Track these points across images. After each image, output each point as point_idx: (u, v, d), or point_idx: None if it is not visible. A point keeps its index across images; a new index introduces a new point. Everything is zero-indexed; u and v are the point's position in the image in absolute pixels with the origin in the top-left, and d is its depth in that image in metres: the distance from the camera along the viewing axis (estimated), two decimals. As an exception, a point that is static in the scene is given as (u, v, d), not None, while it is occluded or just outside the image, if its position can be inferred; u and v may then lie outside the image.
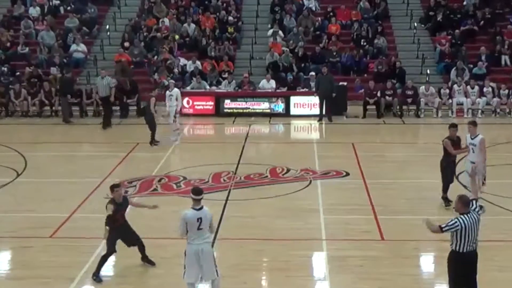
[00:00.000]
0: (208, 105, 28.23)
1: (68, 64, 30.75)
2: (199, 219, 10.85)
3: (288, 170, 19.61)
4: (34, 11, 34.90)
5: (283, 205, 16.67)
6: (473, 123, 16.29)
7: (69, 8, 35.17)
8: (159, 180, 18.81)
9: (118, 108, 27.73)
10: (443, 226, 10.25)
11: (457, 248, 10.31)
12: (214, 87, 29.26)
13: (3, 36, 32.91)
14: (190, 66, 30.67)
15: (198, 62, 30.72)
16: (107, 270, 13.11)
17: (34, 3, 35.28)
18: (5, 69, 30.95)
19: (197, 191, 11.03)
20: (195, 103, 28.24)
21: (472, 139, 15.87)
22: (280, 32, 32.75)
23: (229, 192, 17.77)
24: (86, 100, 28.10)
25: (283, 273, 12.64)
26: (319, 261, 13.36)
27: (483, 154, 15.82)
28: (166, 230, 14.67)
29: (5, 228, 15.25)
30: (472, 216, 10.28)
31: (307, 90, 28.50)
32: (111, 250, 12.61)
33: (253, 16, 34.93)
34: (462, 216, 10.27)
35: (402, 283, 12.21)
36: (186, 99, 28.07)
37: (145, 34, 32.87)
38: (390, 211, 16.05)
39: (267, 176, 19.16)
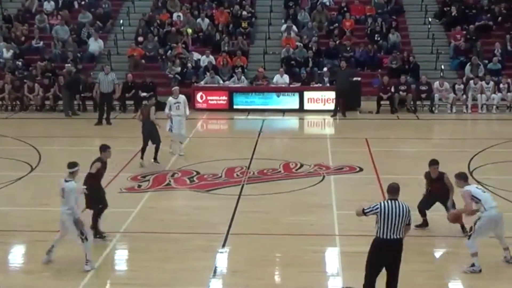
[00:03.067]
0: (221, 100, 28.22)
1: (74, 60, 30.67)
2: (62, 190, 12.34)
3: (301, 165, 19.58)
4: (48, 6, 35.00)
5: (296, 200, 16.64)
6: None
7: (83, 2, 35.24)
8: (172, 175, 18.82)
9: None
10: (365, 208, 10.61)
11: (380, 234, 10.45)
12: (227, 82, 29.24)
13: (17, 30, 33.02)
14: (203, 61, 30.68)
15: (211, 57, 30.71)
16: (120, 264, 13.16)
17: (49, -2, 35.37)
18: (20, 63, 31.05)
19: (70, 165, 12.56)
20: (208, 97, 28.25)
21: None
22: (294, 27, 32.69)
23: (242, 187, 17.76)
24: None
25: (296, 269, 12.62)
26: (332, 257, 13.34)
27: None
28: (178, 224, 14.68)
29: (19, 222, 15.30)
30: (397, 204, 10.42)
31: (321, 85, 28.44)
32: (106, 203, 13.58)
33: (267, 11, 34.89)
34: (385, 201, 10.52)
35: (415, 279, 12.16)
36: (199, 93, 28.11)
37: (158, 28, 32.89)
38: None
39: (280, 171, 19.14)
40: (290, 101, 27.96)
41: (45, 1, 35.26)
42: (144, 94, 27.58)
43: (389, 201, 10.52)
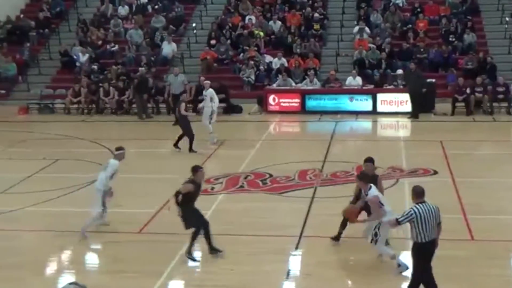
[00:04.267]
0: (294, 102, 28.16)
1: (148, 63, 31.05)
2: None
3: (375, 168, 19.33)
4: (123, 10, 35.57)
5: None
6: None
7: (156, 6, 35.69)
8: (245, 177, 18.85)
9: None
10: (399, 217, 10.61)
11: (419, 239, 10.50)
12: (299, 84, 29.18)
13: (93, 34, 33.66)
14: (276, 63, 30.70)
15: (283, 59, 30.71)
16: (193, 265, 13.23)
17: (123, 2, 35.97)
18: (95, 67, 31.64)
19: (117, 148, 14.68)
20: (281, 100, 28.22)
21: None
22: (367, 29, 32.45)
23: (315, 189, 17.67)
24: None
25: (369, 272, 12.49)
26: (406, 260, 13.13)
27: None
28: (251, 226, 14.69)
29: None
30: (428, 206, 10.51)
31: (394, 87, 28.13)
32: (203, 222, 13.03)
33: (339, 13, 34.72)
34: (417, 206, 10.51)
35: (492, 284, 11.89)
36: (272, 96, 28.12)
37: (231, 31, 33.05)
38: (480, 210, 15.67)
39: (353, 174, 18.94)
40: (363, 103, 27.73)
41: (120, 5, 35.85)
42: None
43: (421, 205, 10.56)
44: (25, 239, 15.23)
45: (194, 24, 34.61)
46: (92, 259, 14.22)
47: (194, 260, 13.12)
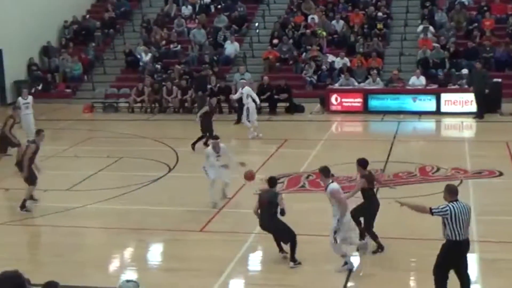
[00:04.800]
0: (356, 102, 27.97)
1: (210, 63, 31.19)
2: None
3: (438, 169, 19.11)
4: (186, 10, 35.85)
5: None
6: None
7: (219, 6, 35.86)
8: (307, 177, 18.80)
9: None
10: (433, 208, 10.46)
11: (453, 237, 10.43)
12: (362, 84, 28.97)
13: (157, 34, 34.01)
14: (338, 62, 30.55)
15: (346, 59, 30.54)
16: (254, 265, 13.26)
17: (187, 2, 36.23)
18: (159, 66, 31.97)
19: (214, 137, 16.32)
20: (343, 100, 28.05)
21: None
22: (431, 28, 32.02)
23: (377, 190, 17.48)
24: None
25: (429, 274, 12.30)
26: (470, 263, 12.90)
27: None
28: (312, 226, 14.64)
29: (158, 221, 15.69)
30: (461, 205, 10.48)
31: (458, 87, 27.70)
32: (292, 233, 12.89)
33: (403, 12, 34.36)
34: (451, 203, 10.45)
35: None
36: (334, 96, 27.99)
37: (293, 31, 33.01)
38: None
39: (416, 175, 18.76)
40: (427, 104, 27.37)
41: (183, 5, 36.13)
42: (277, 96, 27.83)
43: (455, 203, 10.50)
44: (89, 235, 15.48)
45: (257, 24, 34.70)
46: (153, 257, 14.36)
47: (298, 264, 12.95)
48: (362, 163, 13.64)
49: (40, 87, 32.18)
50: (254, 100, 24.12)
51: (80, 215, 16.38)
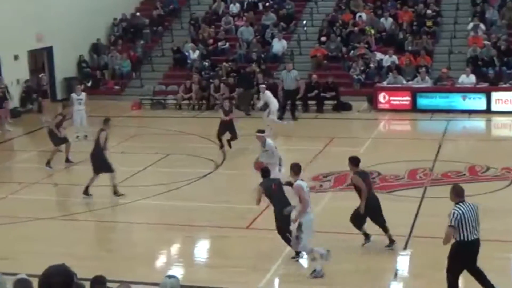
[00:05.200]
0: (404, 100, 27.69)
1: (258, 60, 31.18)
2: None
3: (488, 169, 18.84)
4: (234, 8, 35.89)
5: (481, 205, 15.97)
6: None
7: (267, 4, 35.83)
8: (354, 175, 18.65)
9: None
10: (449, 223, 10.38)
11: (462, 237, 10.41)
12: (410, 82, 28.68)
13: (204, 32, 34.12)
14: (386, 60, 30.31)
15: (394, 57, 30.28)
16: (300, 263, 13.21)
17: (234, 0, 36.27)
18: (206, 63, 32.08)
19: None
20: (391, 98, 27.81)
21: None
22: (482, 25, 31.55)
23: (425, 189, 17.34)
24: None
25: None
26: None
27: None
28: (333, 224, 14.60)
29: (204, 217, 15.77)
30: (468, 205, 10.51)
31: (510, 85, 27.24)
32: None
33: (453, 9, 33.91)
34: (458, 205, 10.45)
35: None
36: (382, 94, 27.78)
37: (341, 28, 32.84)
38: None
39: (465, 174, 18.52)
40: (476, 102, 26.97)
41: (231, 3, 36.19)
42: (324, 94, 27.73)
43: (461, 204, 10.53)
44: (136, 231, 15.62)
45: (304, 21, 34.60)
46: (199, 253, 14.43)
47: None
48: (353, 161, 13.74)
49: (89, 84, 32.54)
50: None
51: (128, 211, 16.53)
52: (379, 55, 30.93)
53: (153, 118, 28.21)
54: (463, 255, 10.67)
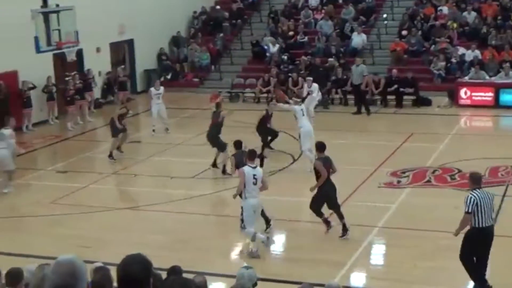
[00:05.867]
0: (487, 96, 27.06)
1: (337, 54, 30.95)
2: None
3: None
4: (313, 1, 35.72)
5: None
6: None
7: (347, -3, 35.55)
8: (433, 172, 18.36)
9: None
10: (464, 209, 10.67)
11: (476, 224, 10.68)
12: (493, 78, 28.00)
13: (284, 25, 34.07)
14: (469, 55, 29.68)
15: (477, 51, 29.63)
16: (376, 258, 13.08)
17: (314, -7, 36.10)
18: (285, 57, 32.03)
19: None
20: (472, 94, 27.21)
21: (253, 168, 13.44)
22: None
23: (506, 187, 16.91)
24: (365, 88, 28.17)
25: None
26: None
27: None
28: (435, 222, 14.32)
29: (281, 211, 15.71)
30: (484, 192, 10.82)
31: None
32: None
33: (539, 3, 32.98)
34: (474, 191, 10.74)
35: None
36: (463, 89, 27.21)
37: (422, 23, 32.32)
38: None
39: (548, 173, 17.99)
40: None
41: (311, -4, 36.04)
42: (403, 89, 27.35)
43: (477, 190, 10.80)
44: (213, 223, 15.72)
45: (385, 15, 34.18)
46: (276, 246, 14.41)
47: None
48: (319, 147, 14.29)
49: (169, 76, 32.92)
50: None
51: (205, 203, 16.63)
52: (461, 50, 30.29)
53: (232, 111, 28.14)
54: (477, 241, 10.85)
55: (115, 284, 4.87)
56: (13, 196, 17.92)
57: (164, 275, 7.70)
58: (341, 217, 13.81)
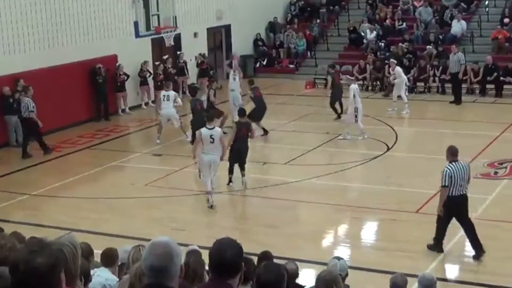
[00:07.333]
0: None
1: (435, 42, 30.33)
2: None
3: None
4: (413, -13, 35.11)
5: None
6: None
7: (448, -17, 34.77)
8: (534, 163, 17.82)
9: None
10: (441, 184, 11.84)
11: (450, 193, 11.79)
12: None
13: (381, 11, 33.64)
14: None
15: None
16: (469, 250, 12.82)
17: (414, -20, 35.46)
18: (382, 44, 31.63)
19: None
20: None
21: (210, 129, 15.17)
22: None
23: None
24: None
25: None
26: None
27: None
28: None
29: (374, 200, 15.60)
30: (459, 163, 11.84)
31: None
32: None
33: None
34: (450, 164, 11.80)
35: None
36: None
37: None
38: None
39: None
40: None
41: (410, -17, 35.42)
42: (503, 78, 26.61)
43: (454, 163, 11.82)
44: (303, 209, 15.72)
45: (487, 2, 33.28)
46: (367, 235, 14.32)
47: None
48: (240, 112, 16.90)
49: (264, 62, 33.02)
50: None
51: (296, 189, 16.63)
52: None
53: (326, 98, 27.98)
54: (450, 209, 11.90)
55: (206, 268, 4.94)
56: (111, 178, 18.42)
57: (254, 260, 7.75)
58: (231, 172, 16.57)
